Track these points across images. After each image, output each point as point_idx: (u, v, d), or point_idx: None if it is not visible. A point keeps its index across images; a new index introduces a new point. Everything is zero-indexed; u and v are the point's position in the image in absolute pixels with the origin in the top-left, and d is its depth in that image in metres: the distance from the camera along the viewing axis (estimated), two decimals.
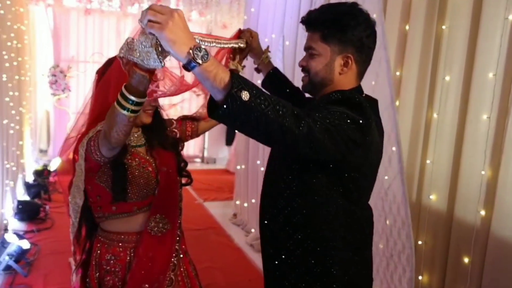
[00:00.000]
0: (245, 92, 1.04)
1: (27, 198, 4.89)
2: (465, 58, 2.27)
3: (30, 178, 5.40)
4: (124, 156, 1.51)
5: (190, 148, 7.73)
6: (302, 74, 1.44)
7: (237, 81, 1.04)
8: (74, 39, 7.05)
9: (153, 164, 1.59)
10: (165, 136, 1.69)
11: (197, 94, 1.85)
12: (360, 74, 1.41)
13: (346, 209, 1.35)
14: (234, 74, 1.05)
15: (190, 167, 1.78)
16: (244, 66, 1.66)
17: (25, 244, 3.28)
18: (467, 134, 2.26)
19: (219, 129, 7.72)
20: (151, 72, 1.13)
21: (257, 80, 2.75)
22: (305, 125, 1.10)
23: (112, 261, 1.57)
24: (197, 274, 1.78)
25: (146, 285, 1.56)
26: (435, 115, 2.45)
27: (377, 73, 2.39)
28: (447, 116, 2.38)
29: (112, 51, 6.71)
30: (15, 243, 3.19)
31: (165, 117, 1.77)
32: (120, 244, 1.58)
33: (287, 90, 1.73)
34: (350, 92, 1.34)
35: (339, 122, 1.17)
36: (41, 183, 5.15)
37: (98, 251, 1.59)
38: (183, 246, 1.74)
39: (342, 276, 1.36)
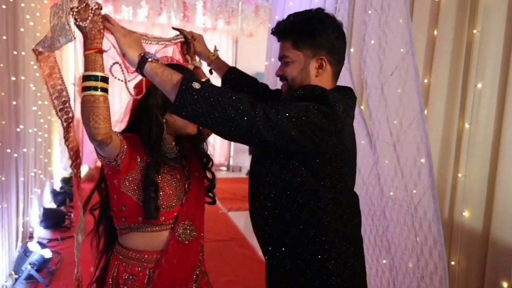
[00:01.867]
0: (196, 83, 1.16)
1: (53, 205, 4.94)
2: (500, 64, 2.12)
3: (58, 186, 5.47)
4: (156, 173, 1.44)
5: (216, 156, 7.71)
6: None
7: (188, 75, 1.19)
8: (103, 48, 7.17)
9: (182, 172, 1.54)
10: (202, 148, 1.66)
11: None
12: (336, 75, 1.47)
13: (335, 201, 1.38)
14: (185, 71, 1.22)
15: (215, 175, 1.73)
16: (200, 61, 1.76)
17: (47, 253, 3.29)
18: (504, 145, 2.10)
19: None
20: (98, 48, 1.23)
21: None
22: (260, 109, 1.18)
23: (129, 281, 1.49)
24: None
25: None
26: (467, 125, 2.30)
27: (404, 81, 2.28)
28: (480, 126, 2.23)
29: None
30: (37, 252, 3.20)
31: None
32: (139, 263, 1.50)
33: (249, 88, 1.75)
34: (312, 85, 1.39)
35: (304, 113, 1.24)
36: (68, 191, 5.20)
37: (116, 269, 1.51)
38: (203, 268, 1.66)
39: (341, 270, 1.38)
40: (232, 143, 7.80)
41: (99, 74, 1.22)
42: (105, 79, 1.24)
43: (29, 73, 3.90)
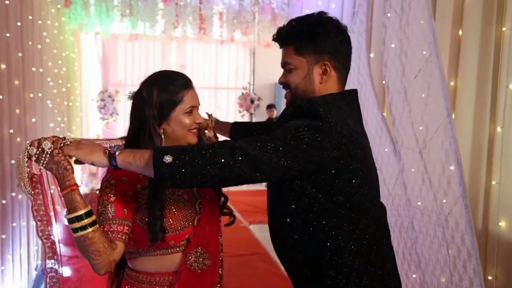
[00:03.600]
0: (167, 156, 1.13)
1: None
2: None
3: None
4: (161, 192, 1.34)
5: None
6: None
7: (157, 152, 1.15)
8: (121, 64, 7.26)
9: (190, 192, 1.43)
10: None
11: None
12: (341, 81, 1.39)
13: (351, 220, 1.28)
14: (155, 149, 1.18)
15: (235, 188, 1.62)
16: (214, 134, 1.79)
17: (66, 271, 3.23)
18: None
19: None
20: (71, 186, 1.19)
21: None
22: (240, 152, 1.14)
23: None
24: None
25: None
26: (499, 129, 2.16)
27: (429, 84, 2.16)
28: None
29: None
30: None
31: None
32: (151, 286, 1.40)
33: (255, 133, 1.71)
34: (300, 100, 1.32)
35: (292, 135, 1.18)
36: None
37: None
38: None
39: None
40: None
41: (82, 212, 1.18)
42: (89, 214, 1.20)
43: (46, 90, 3.90)
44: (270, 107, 7.54)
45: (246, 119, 7.95)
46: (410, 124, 2.33)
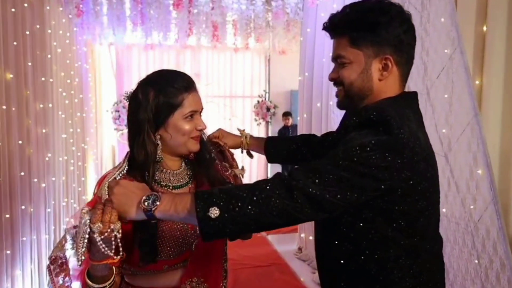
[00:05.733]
0: (213, 208, 0.97)
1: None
2: None
3: None
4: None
5: (253, 176, 7.53)
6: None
7: (200, 203, 0.98)
8: (136, 74, 7.24)
9: None
10: (215, 171, 1.37)
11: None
12: (404, 77, 1.20)
13: (410, 252, 1.12)
14: (196, 195, 1.01)
15: None
16: (242, 169, 1.55)
17: (79, 286, 3.16)
18: None
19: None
20: (108, 258, 1.03)
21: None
22: (298, 192, 0.99)
23: None
24: None
25: None
26: None
27: (453, 83, 2.04)
28: None
29: None
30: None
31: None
32: None
33: (293, 146, 1.60)
34: (366, 110, 1.13)
35: (358, 158, 1.01)
36: None
37: None
38: None
39: None
40: (269, 164, 7.61)
41: (107, 283, 1.12)
42: (113, 279, 1.14)
43: (57, 100, 3.87)
44: (286, 114, 7.44)
45: (262, 127, 7.87)
46: (433, 126, 2.20)
